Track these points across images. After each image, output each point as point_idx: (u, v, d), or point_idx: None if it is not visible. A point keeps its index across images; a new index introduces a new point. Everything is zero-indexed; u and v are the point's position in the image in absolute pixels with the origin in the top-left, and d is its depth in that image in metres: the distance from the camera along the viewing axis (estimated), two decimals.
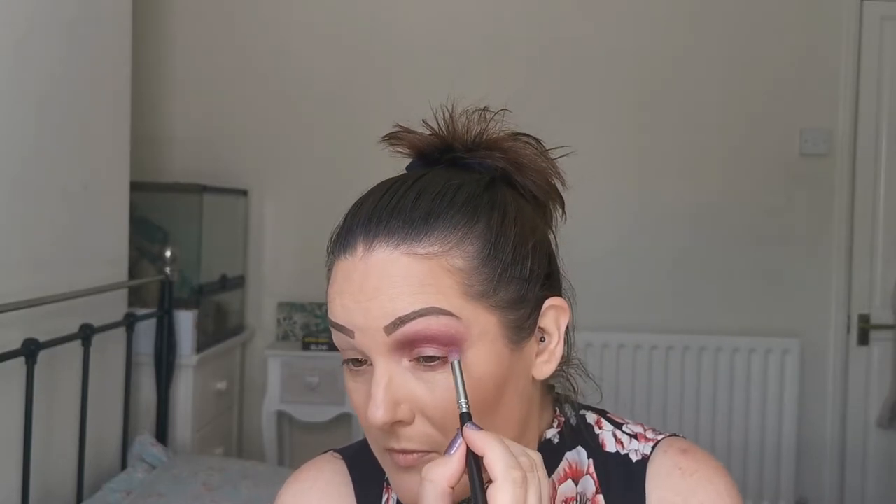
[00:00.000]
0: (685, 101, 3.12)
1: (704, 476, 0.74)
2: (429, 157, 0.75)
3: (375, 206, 0.68)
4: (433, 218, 0.66)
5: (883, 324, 3.08)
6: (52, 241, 2.02)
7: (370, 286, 0.65)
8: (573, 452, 0.77)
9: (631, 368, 3.04)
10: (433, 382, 0.65)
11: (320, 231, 3.29)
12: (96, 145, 2.26)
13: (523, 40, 3.14)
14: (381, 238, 0.66)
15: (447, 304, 0.64)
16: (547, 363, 0.72)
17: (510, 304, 0.68)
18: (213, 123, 3.19)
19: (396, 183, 0.70)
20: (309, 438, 3.14)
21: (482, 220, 0.68)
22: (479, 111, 0.74)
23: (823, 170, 3.10)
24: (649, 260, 3.12)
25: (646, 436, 0.78)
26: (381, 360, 0.66)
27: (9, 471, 1.81)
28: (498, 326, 0.67)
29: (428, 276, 0.65)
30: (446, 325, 0.64)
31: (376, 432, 0.68)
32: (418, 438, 0.66)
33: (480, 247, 0.67)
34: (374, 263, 0.65)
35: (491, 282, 0.67)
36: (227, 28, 3.20)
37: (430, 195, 0.68)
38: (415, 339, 0.64)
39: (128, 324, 2.32)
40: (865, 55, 3.08)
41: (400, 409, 0.65)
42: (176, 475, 2.17)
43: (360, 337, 0.66)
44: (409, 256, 0.65)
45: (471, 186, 0.70)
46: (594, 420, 0.80)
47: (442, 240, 0.66)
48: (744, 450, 3.02)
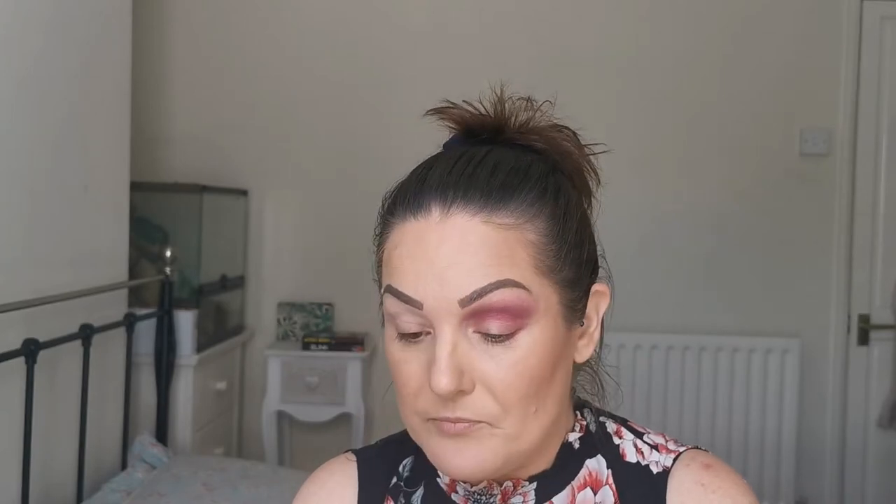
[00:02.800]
0: (685, 101, 3.12)
1: (727, 494, 0.72)
2: (475, 133, 0.74)
3: (449, 172, 0.68)
4: (510, 191, 0.67)
5: (883, 324, 3.08)
6: (52, 241, 2.02)
7: (448, 253, 0.64)
8: (594, 460, 0.75)
9: (631, 368, 3.04)
10: (497, 355, 0.65)
11: (320, 231, 3.32)
12: (96, 145, 2.26)
13: (524, 41, 3.14)
14: (460, 204, 0.65)
15: (520, 276, 0.65)
16: (586, 347, 0.73)
17: (570, 284, 0.69)
18: (213, 123, 3.19)
19: (466, 154, 0.70)
20: (309, 438, 3.14)
21: (552, 199, 0.69)
22: (525, 100, 0.74)
23: (823, 170, 3.09)
24: (649, 260, 3.12)
25: (667, 447, 0.76)
26: (447, 329, 0.65)
27: (9, 471, 1.81)
28: (558, 304, 0.68)
29: (504, 247, 0.65)
30: (519, 298, 0.65)
31: (427, 402, 0.67)
32: (474, 409, 0.66)
33: (551, 224, 0.68)
34: (452, 228, 0.65)
35: (558, 258, 0.68)
36: (227, 28, 3.20)
37: (505, 168, 0.68)
38: (490, 309, 0.64)
39: (128, 324, 2.32)
40: (865, 55, 3.08)
41: (464, 377, 0.65)
42: (176, 475, 2.17)
43: (430, 306, 0.65)
44: (487, 225, 0.65)
45: (539, 167, 0.71)
46: (614, 429, 0.78)
47: (518, 213, 0.66)
48: (744, 450, 3.02)
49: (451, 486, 0.76)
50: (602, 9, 3.14)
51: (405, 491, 0.79)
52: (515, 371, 0.65)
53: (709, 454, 0.76)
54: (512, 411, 0.66)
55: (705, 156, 3.12)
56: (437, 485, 0.77)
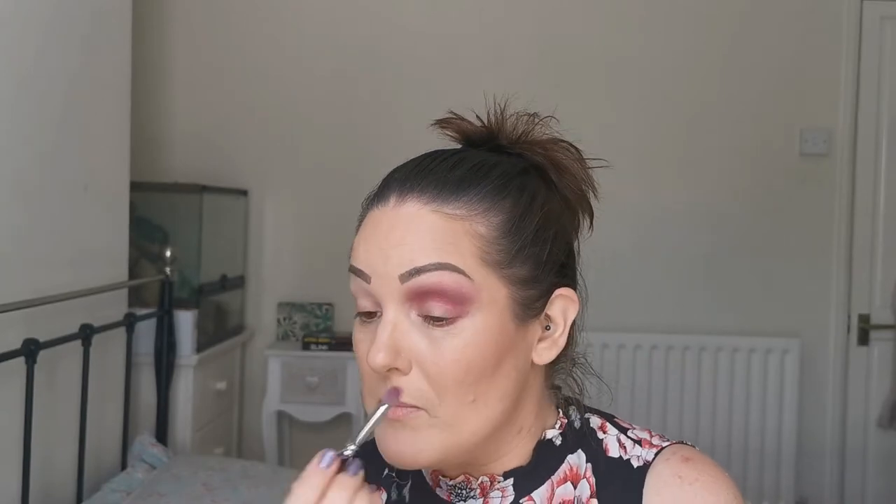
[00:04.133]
0: (684, 101, 3.12)
1: (705, 485, 0.72)
2: (474, 143, 0.78)
3: (415, 166, 0.73)
4: (465, 184, 0.70)
5: (883, 324, 3.08)
6: (52, 241, 2.02)
7: (395, 235, 0.69)
8: (574, 455, 0.76)
9: (631, 368, 3.04)
10: (436, 339, 0.68)
11: (320, 231, 3.31)
12: (96, 145, 2.26)
13: (524, 41, 3.14)
14: (415, 194, 0.70)
15: (462, 263, 0.68)
16: (548, 350, 0.74)
17: (523, 281, 0.71)
18: (213, 123, 3.19)
19: (438, 152, 0.75)
20: (309, 438, 3.14)
21: (511, 197, 0.71)
22: (529, 115, 0.77)
23: (823, 170, 3.09)
24: (649, 260, 3.12)
25: (651, 442, 0.77)
26: (391, 308, 0.69)
27: (9, 471, 1.81)
28: (507, 299, 0.70)
29: (450, 235, 0.68)
30: (458, 283, 0.68)
31: (372, 379, 0.70)
32: (411, 392, 0.68)
33: (505, 220, 0.70)
34: (403, 215, 0.69)
35: (508, 254, 0.70)
36: (227, 28, 3.20)
37: (467, 165, 0.72)
38: (428, 291, 0.68)
39: (128, 324, 2.32)
40: (865, 55, 3.08)
41: (400, 357, 0.68)
42: (176, 475, 2.17)
43: (375, 282, 0.69)
44: (436, 214, 0.69)
45: (506, 166, 0.74)
46: (598, 424, 0.79)
47: (470, 205, 0.70)
48: (744, 450, 3.02)
49: (434, 480, 0.78)
50: (602, 8, 3.14)
51: (397, 482, 0.81)
52: (452, 357, 0.68)
53: (692, 448, 0.77)
54: (446, 398, 0.68)
55: (705, 156, 3.12)
56: (422, 477, 0.79)
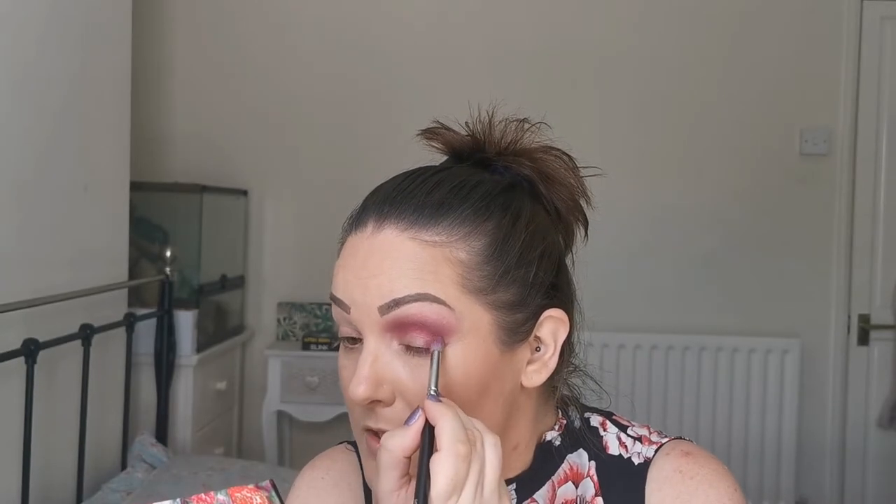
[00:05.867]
0: (684, 101, 3.12)
1: (706, 479, 0.73)
2: (461, 155, 0.76)
3: (393, 189, 0.70)
4: (444, 208, 0.68)
5: (883, 324, 3.08)
6: (51, 241, 2.02)
7: (373, 263, 0.67)
8: (575, 455, 0.76)
9: (631, 368, 3.04)
10: (418, 369, 0.66)
11: (320, 231, 3.31)
12: (96, 145, 2.26)
13: (524, 42, 3.13)
14: (392, 220, 0.67)
15: (443, 293, 0.66)
16: (537, 373, 0.72)
17: (508, 306, 0.68)
18: (213, 123, 3.19)
19: (418, 171, 0.72)
20: (309, 438, 3.14)
21: (493, 219, 0.69)
22: (518, 122, 0.75)
23: (823, 170, 3.09)
24: (649, 260, 3.12)
25: (650, 438, 0.77)
26: (371, 339, 0.67)
27: (9, 471, 1.81)
28: (491, 325, 0.68)
29: (429, 263, 0.66)
30: (438, 314, 0.66)
31: (357, 410, 0.69)
32: (395, 422, 0.66)
33: (486, 244, 0.68)
34: (380, 243, 0.67)
35: (491, 279, 0.68)
36: (227, 28, 3.20)
37: (446, 187, 0.69)
38: (407, 322, 0.66)
39: (128, 324, 2.32)
40: (865, 55, 3.08)
41: (382, 388, 0.67)
42: (176, 475, 2.17)
43: (355, 312, 0.68)
44: (414, 241, 0.67)
45: (488, 185, 0.71)
46: (599, 422, 0.79)
47: (449, 230, 0.67)
48: (744, 450, 3.02)
49: None
50: (602, 8, 3.14)
51: None
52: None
53: (691, 443, 0.77)
54: None
55: (705, 156, 3.12)
56: None
